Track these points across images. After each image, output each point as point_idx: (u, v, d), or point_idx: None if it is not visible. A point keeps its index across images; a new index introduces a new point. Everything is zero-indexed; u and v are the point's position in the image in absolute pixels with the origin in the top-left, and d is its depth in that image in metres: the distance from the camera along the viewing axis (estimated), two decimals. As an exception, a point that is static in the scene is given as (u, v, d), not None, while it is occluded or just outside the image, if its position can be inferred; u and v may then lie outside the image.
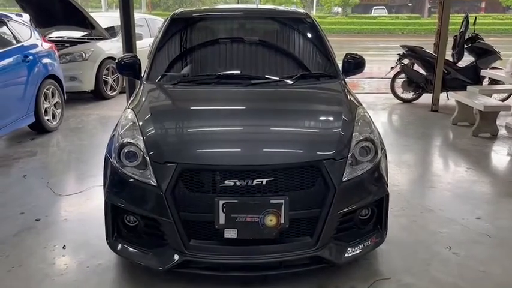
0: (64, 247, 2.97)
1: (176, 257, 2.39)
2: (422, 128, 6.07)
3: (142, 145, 2.51)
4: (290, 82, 3.21)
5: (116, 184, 2.56)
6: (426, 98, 7.39)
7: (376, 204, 2.60)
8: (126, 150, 2.53)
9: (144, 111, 2.81)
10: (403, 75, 7.62)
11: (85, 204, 3.66)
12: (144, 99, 3.03)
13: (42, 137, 5.65)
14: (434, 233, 3.15)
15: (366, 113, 2.86)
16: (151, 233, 2.48)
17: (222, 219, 2.33)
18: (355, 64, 3.46)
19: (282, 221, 2.33)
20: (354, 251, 2.51)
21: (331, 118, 2.82)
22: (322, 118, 2.87)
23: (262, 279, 2.55)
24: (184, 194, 2.37)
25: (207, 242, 2.40)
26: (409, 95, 7.65)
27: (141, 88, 3.23)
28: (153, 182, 2.39)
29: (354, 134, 2.58)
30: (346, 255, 2.48)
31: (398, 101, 7.65)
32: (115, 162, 2.54)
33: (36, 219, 3.36)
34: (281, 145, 2.54)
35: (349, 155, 2.48)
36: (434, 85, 6.96)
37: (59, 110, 6.12)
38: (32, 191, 3.95)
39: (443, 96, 7.15)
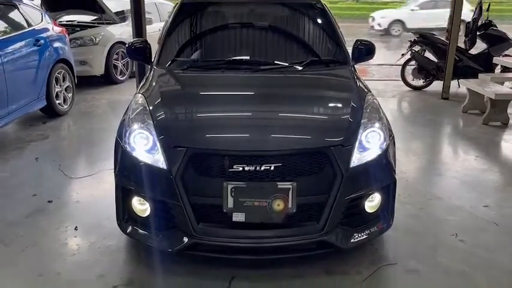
0: (76, 228, 3.04)
1: (185, 240, 2.43)
2: (432, 115, 6.04)
3: (152, 129, 2.54)
4: (299, 68, 3.21)
5: (126, 167, 2.61)
6: (436, 85, 7.33)
7: (384, 191, 2.61)
8: (136, 135, 2.56)
9: (155, 96, 2.84)
10: (413, 62, 7.55)
11: (96, 186, 3.72)
12: (154, 84, 3.05)
13: (54, 120, 5.71)
14: (441, 220, 3.17)
15: (374, 100, 2.86)
16: (161, 215, 2.52)
17: (230, 203, 2.36)
18: (365, 50, 3.45)
19: (290, 206, 2.36)
20: (360, 237, 2.54)
21: (340, 104, 2.83)
22: (331, 104, 2.88)
23: (269, 262, 2.59)
24: (193, 178, 2.41)
25: (215, 225, 2.45)
26: (419, 82, 7.59)
27: (152, 73, 3.26)
28: (164, 166, 2.43)
29: (362, 121, 2.59)
30: (352, 240, 2.51)
31: (408, 88, 7.59)
32: (126, 146, 2.58)
33: (48, 201, 3.43)
34: (290, 131, 2.56)
35: (357, 141, 2.50)
36: (445, 72, 6.90)
37: (70, 94, 6.17)
38: (44, 173, 4.02)
39: (454, 83, 7.08)
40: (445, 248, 2.83)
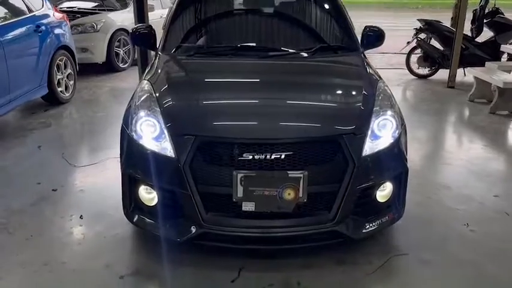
0: (81, 217, 3.00)
1: (193, 229, 2.39)
2: (438, 104, 5.97)
3: (159, 117, 2.48)
4: (308, 55, 3.15)
5: (133, 156, 2.55)
6: (442, 74, 7.24)
7: (395, 180, 2.57)
8: (143, 122, 2.51)
9: (161, 83, 2.78)
10: (419, 51, 7.46)
11: (100, 175, 3.67)
12: (160, 70, 2.99)
13: (56, 108, 5.65)
14: (451, 209, 3.13)
15: (386, 87, 2.80)
16: (168, 204, 2.47)
17: (239, 192, 2.31)
18: (374, 37, 3.38)
19: (300, 195, 2.31)
20: (371, 227, 2.49)
21: (351, 92, 2.77)
22: (342, 92, 2.81)
23: (279, 253, 2.55)
24: (202, 167, 2.36)
25: (224, 215, 2.40)
26: (424, 71, 7.50)
27: (157, 59, 3.19)
28: (171, 154, 2.37)
29: (374, 109, 2.53)
30: (363, 230, 2.47)
31: (413, 77, 7.50)
32: (132, 133, 2.53)
33: (52, 190, 3.39)
34: (301, 119, 2.50)
35: (370, 129, 2.44)
36: (451, 60, 6.81)
37: (72, 82, 6.10)
38: (47, 161, 3.97)
39: (459, 72, 6.99)
40: (456, 237, 2.79)
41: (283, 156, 2.31)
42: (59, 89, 5.75)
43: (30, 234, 2.79)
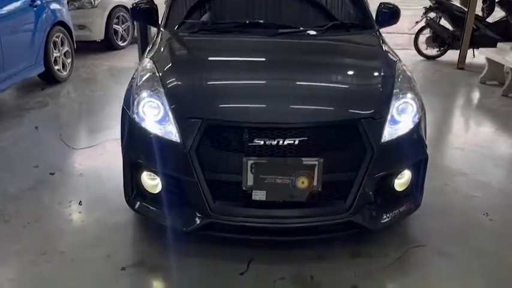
0: (80, 203, 2.85)
1: (200, 219, 2.25)
2: (448, 86, 5.78)
3: (163, 98, 2.31)
4: (321, 32, 2.95)
5: (135, 139, 2.39)
6: (451, 55, 7.03)
7: (414, 168, 2.41)
8: (145, 103, 2.34)
9: (164, 61, 2.59)
10: (427, 31, 7.22)
11: (100, 158, 3.51)
12: (163, 48, 2.80)
13: (53, 87, 5.46)
14: (468, 197, 2.98)
15: (405, 68, 2.62)
16: (173, 192, 2.32)
17: (250, 180, 2.16)
18: (390, 14, 3.19)
19: (315, 183, 2.16)
20: (389, 217, 2.35)
21: (369, 73, 2.59)
22: (359, 73, 2.62)
23: (291, 244, 2.41)
24: (209, 153, 2.20)
25: (233, 204, 2.25)
26: (433, 52, 7.27)
27: (160, 36, 2.99)
28: (176, 139, 2.21)
29: (394, 91, 2.36)
30: (381, 221, 2.33)
31: (422, 58, 7.28)
32: (134, 116, 2.36)
33: (50, 173, 3.23)
34: (316, 102, 2.33)
35: (389, 114, 2.28)
36: (462, 41, 6.58)
37: (69, 60, 5.89)
38: (44, 143, 3.81)
39: (469, 53, 6.78)
40: (475, 227, 2.66)
41: (297, 142, 2.15)
42: (56, 67, 5.54)
43: (27, 221, 2.64)
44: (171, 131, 2.24)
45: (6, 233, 2.55)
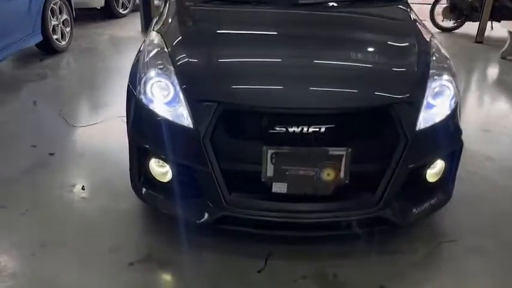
0: (83, 188, 2.65)
1: (214, 211, 2.05)
2: (467, 61, 5.50)
3: (173, 77, 2.07)
4: (346, 4, 2.67)
5: (142, 122, 2.17)
6: (468, 27, 6.70)
7: (449, 157, 2.19)
8: (154, 83, 2.10)
9: (174, 35, 2.34)
10: (444, 1, 6.86)
11: (103, 137, 3.29)
12: (171, 20, 2.54)
13: (51, 58, 5.20)
14: (499, 186, 2.77)
15: (440, 46, 2.36)
16: (185, 181, 2.11)
17: (270, 171, 1.95)
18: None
19: (342, 175, 1.95)
20: (420, 211, 2.15)
21: (401, 51, 2.32)
22: (390, 51, 2.36)
23: (311, 239, 2.22)
24: (225, 140, 1.98)
25: (250, 196, 2.05)
26: (449, 24, 6.94)
27: (167, 6, 2.72)
28: (189, 124, 1.98)
29: (430, 72, 2.11)
30: (411, 215, 2.13)
31: (437, 30, 6.95)
32: (141, 96, 2.12)
33: (50, 153, 3.03)
34: (345, 84, 2.08)
35: (425, 98, 2.04)
36: (482, 13, 6.25)
37: (68, 29, 5.59)
38: (43, 120, 3.59)
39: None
40: (509, 220, 2.46)
41: (322, 130, 1.92)
42: (55, 37, 5.26)
43: (25, 208, 2.45)
44: (182, 115, 2.01)
45: (3, 221, 2.36)
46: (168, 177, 2.16)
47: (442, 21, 6.96)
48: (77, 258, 2.12)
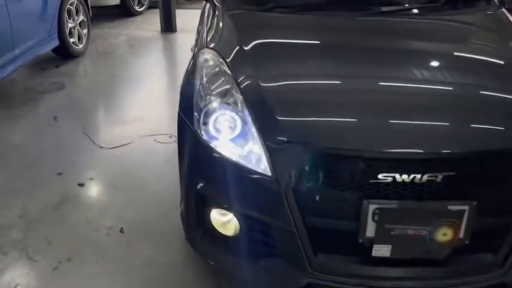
0: (122, 230, 2.26)
1: (295, 277, 1.65)
2: None
3: (243, 108, 1.67)
4: (440, 9, 2.24)
5: (202, 164, 1.76)
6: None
7: None
8: (219, 116, 1.70)
9: (237, 54, 1.91)
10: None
11: (135, 162, 2.90)
12: (228, 34, 2.12)
13: (68, 63, 4.80)
14: None
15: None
16: (257, 238, 1.71)
17: (370, 230, 1.55)
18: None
19: (461, 235, 1.55)
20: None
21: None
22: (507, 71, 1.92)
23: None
24: (313, 191, 1.57)
25: (342, 259, 1.65)
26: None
27: (217, 16, 2.29)
28: (266, 170, 1.58)
29: None
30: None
31: None
32: (201, 132, 1.72)
33: (78, 184, 2.65)
34: (465, 118, 1.65)
35: None
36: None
37: (85, 30, 5.19)
38: (67, 140, 3.20)
39: None
40: None
41: (439, 179, 1.51)
42: (71, 40, 4.86)
43: (57, 260, 2.06)
44: (256, 157, 1.61)
45: (33, 279, 1.97)
46: (234, 230, 1.76)
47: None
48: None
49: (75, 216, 2.37)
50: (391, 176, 1.51)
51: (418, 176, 1.50)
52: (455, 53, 2.02)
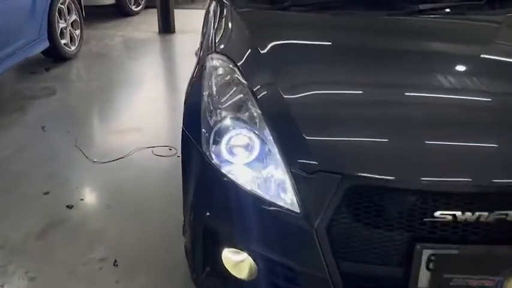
0: (115, 263, 1.95)
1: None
2: None
3: (263, 127, 1.37)
4: (484, 7, 1.95)
5: (211, 193, 1.46)
6: None
7: None
8: (232, 136, 1.39)
9: (253, 60, 1.61)
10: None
11: (131, 178, 2.59)
12: (241, 37, 1.81)
13: (60, 66, 4.49)
14: None
15: None
16: (279, 284, 1.41)
17: (424, 280, 1.25)
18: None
19: (534, 285, 1.25)
20: None
21: None
22: None
23: None
24: (351, 232, 1.27)
25: (383, 312, 1.35)
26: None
27: (225, 15, 1.99)
28: (292, 205, 1.28)
29: None
30: None
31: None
32: (211, 155, 1.41)
33: (67, 206, 2.33)
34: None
35: None
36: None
37: (78, 31, 4.88)
38: (56, 153, 2.88)
39: None
40: None
41: (510, 218, 1.22)
42: (63, 41, 4.55)
43: (39, 302, 1.76)
44: (279, 188, 1.31)
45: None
46: (249, 272, 1.45)
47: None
48: None
49: (62, 246, 2.05)
50: (451, 214, 1.21)
51: (485, 213, 1.21)
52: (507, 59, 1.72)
